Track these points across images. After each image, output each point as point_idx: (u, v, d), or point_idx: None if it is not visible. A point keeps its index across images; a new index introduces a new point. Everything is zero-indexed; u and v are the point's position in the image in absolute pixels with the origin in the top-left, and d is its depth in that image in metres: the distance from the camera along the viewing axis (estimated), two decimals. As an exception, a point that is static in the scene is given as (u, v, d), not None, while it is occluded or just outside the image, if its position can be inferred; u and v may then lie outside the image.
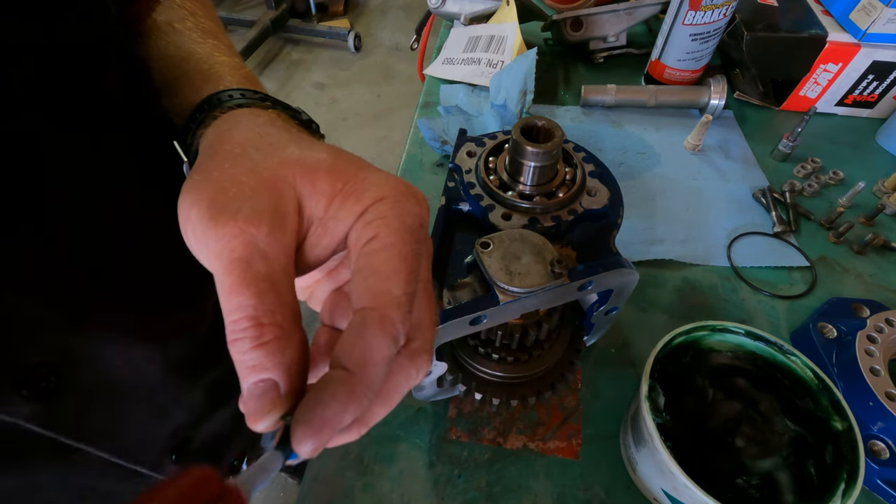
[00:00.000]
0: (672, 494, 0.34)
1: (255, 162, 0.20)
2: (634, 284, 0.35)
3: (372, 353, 0.17)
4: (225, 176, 0.20)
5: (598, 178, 0.38)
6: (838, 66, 0.66)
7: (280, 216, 0.19)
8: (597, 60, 0.79)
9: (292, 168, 0.20)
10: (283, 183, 0.20)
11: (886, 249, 0.55)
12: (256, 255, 0.18)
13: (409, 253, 0.19)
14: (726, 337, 0.39)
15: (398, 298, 0.18)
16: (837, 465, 0.33)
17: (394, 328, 0.18)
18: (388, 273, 0.18)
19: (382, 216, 0.19)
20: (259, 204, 0.19)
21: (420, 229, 0.20)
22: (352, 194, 0.20)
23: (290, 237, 0.19)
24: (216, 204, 0.19)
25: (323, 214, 0.20)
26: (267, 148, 0.21)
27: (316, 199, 0.20)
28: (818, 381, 0.35)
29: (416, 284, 0.19)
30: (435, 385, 0.40)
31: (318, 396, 0.17)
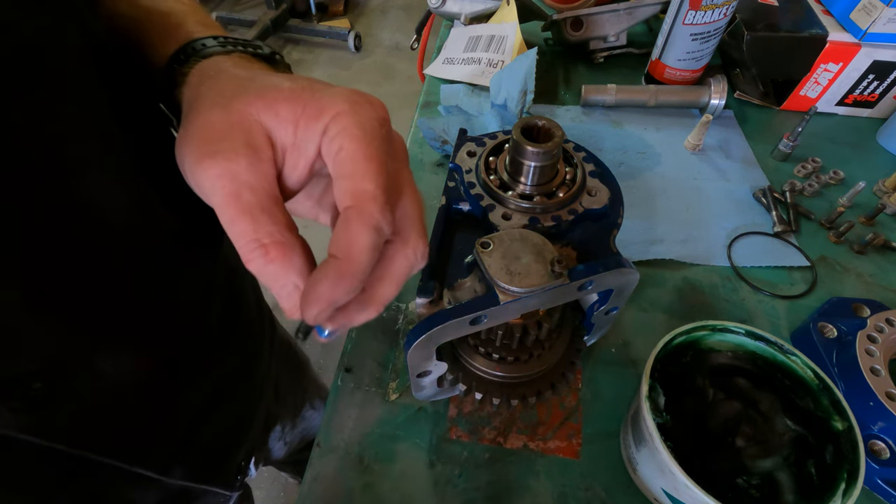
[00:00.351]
0: (672, 494, 0.34)
1: (225, 106, 0.22)
2: (635, 284, 0.35)
3: (354, 240, 0.20)
4: (203, 124, 0.22)
5: (599, 177, 0.38)
6: (839, 66, 0.66)
7: (253, 149, 0.21)
8: (597, 60, 0.79)
9: (255, 104, 0.22)
10: (250, 120, 0.22)
11: (887, 249, 0.55)
12: (242, 187, 0.21)
13: (374, 152, 0.21)
14: (727, 337, 0.39)
15: (372, 192, 0.21)
16: (838, 465, 0.32)
17: (372, 217, 0.21)
18: (358, 175, 0.21)
19: (342, 128, 0.21)
20: (233, 143, 0.21)
21: (380, 128, 0.22)
22: (313, 116, 0.22)
23: (267, 165, 0.22)
24: (199, 150, 0.21)
25: (293, 139, 0.22)
26: (234, 91, 0.23)
27: (283, 127, 0.22)
28: (818, 381, 0.35)
29: (386, 177, 0.21)
30: (435, 385, 0.40)
31: (314, 277, 0.21)
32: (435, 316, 0.30)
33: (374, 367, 0.46)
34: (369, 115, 0.22)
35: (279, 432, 0.64)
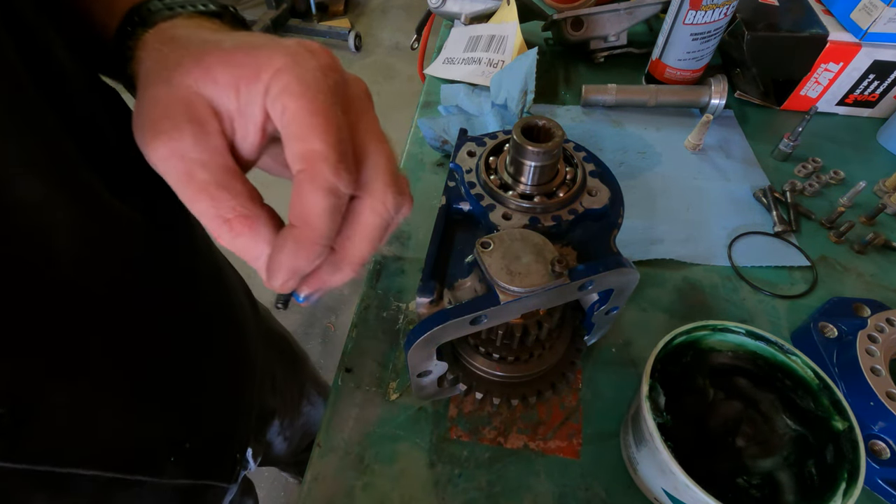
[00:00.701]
0: (673, 494, 0.34)
1: (166, 80, 0.21)
2: (635, 284, 0.35)
3: (308, 206, 0.19)
4: (147, 103, 0.21)
5: (599, 177, 0.38)
6: (839, 66, 0.66)
7: (198, 123, 0.20)
8: (597, 60, 0.79)
9: (193, 73, 0.21)
10: (190, 92, 0.20)
11: (887, 249, 0.55)
12: (193, 165, 0.20)
13: (319, 107, 0.19)
14: (727, 337, 0.39)
15: (321, 152, 0.19)
16: (838, 465, 0.32)
17: (324, 179, 0.19)
18: (304, 135, 0.19)
19: (283, 86, 0.20)
20: (176, 119, 0.20)
21: (325, 78, 0.20)
22: (251, 77, 0.20)
23: (215, 138, 0.20)
24: (147, 131, 0.20)
25: (237, 105, 0.21)
26: (176, 61, 0.21)
27: (224, 94, 0.20)
28: (819, 381, 0.35)
29: (337, 131, 0.20)
30: (435, 384, 0.40)
31: (274, 247, 0.20)
32: (435, 316, 0.30)
33: (375, 367, 0.46)
34: (310, 65, 0.20)
35: (278, 427, 0.64)
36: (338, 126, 0.20)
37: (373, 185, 0.22)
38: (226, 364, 0.46)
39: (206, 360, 0.42)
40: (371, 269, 0.53)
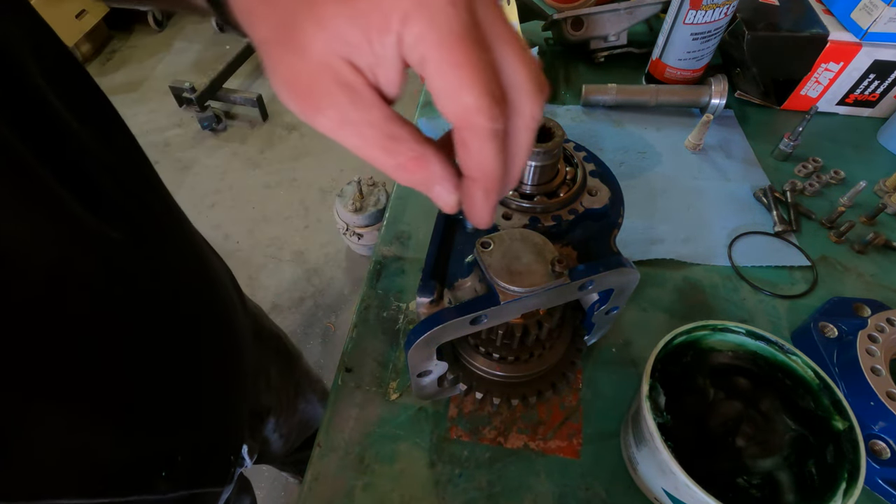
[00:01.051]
0: (673, 494, 0.34)
1: (295, 49, 0.21)
2: (635, 284, 0.35)
3: (480, 159, 0.21)
4: (290, 76, 0.21)
5: (599, 177, 0.38)
6: (839, 66, 0.66)
7: (347, 86, 0.20)
8: (597, 60, 0.79)
9: (319, 37, 0.20)
10: (325, 58, 0.20)
11: (888, 249, 0.55)
12: (360, 126, 0.20)
13: (461, 56, 0.19)
14: (727, 336, 0.39)
15: (475, 104, 0.19)
16: (838, 465, 0.32)
17: (485, 130, 0.20)
18: (453, 89, 0.19)
19: (417, 36, 0.19)
20: (327, 89, 0.20)
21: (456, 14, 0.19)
22: (381, 28, 0.19)
23: (368, 93, 0.21)
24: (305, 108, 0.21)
25: (374, 58, 0.20)
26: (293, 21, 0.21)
27: (358, 51, 0.20)
28: (819, 381, 0.35)
29: (483, 72, 0.20)
30: (435, 384, 0.40)
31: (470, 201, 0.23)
32: (435, 316, 0.30)
33: (375, 367, 0.46)
34: (440, 2, 0.19)
35: (274, 424, 0.64)
36: (482, 68, 0.19)
37: (520, 103, 0.22)
38: (216, 370, 0.45)
39: (195, 369, 0.41)
40: (371, 268, 0.53)
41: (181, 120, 2.33)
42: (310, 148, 2.20)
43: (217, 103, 2.32)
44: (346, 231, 1.65)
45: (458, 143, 0.21)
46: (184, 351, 0.39)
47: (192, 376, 0.41)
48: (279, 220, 1.93)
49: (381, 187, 1.64)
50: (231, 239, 1.86)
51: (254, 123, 2.33)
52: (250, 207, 1.97)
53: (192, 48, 2.71)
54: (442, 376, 0.39)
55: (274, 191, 2.03)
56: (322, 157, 2.16)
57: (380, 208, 1.57)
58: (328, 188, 2.04)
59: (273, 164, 2.14)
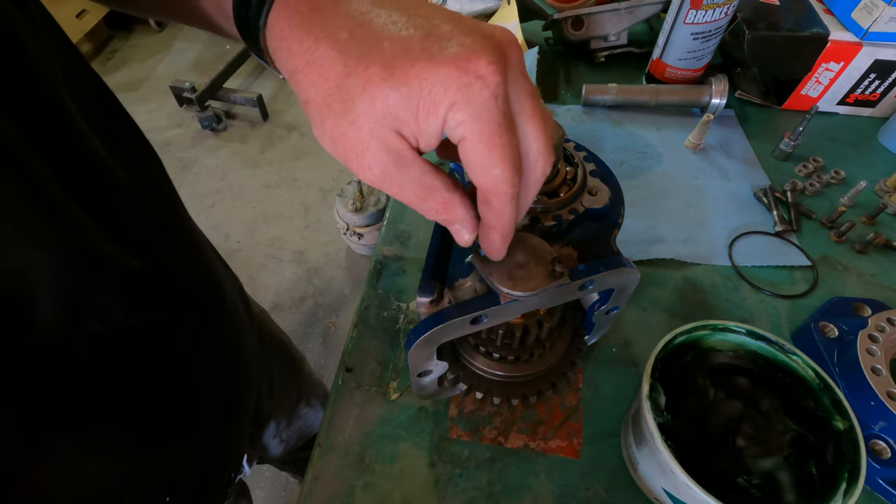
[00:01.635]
0: (673, 494, 0.34)
1: (345, 113, 0.23)
2: (635, 284, 0.35)
3: (501, 216, 0.25)
4: (337, 137, 0.23)
5: (600, 177, 0.38)
6: (840, 65, 0.66)
7: (394, 152, 0.23)
8: (598, 59, 0.79)
9: (370, 114, 0.22)
10: (374, 127, 0.22)
11: (888, 249, 0.55)
12: (402, 181, 0.24)
13: (495, 141, 0.22)
14: (727, 336, 0.39)
15: (501, 176, 0.23)
16: (839, 465, 0.32)
17: (507, 195, 0.24)
18: (485, 165, 0.23)
19: (460, 122, 0.22)
20: (374, 154, 0.23)
21: (496, 106, 0.22)
22: (429, 111, 0.22)
23: (410, 156, 0.23)
24: (351, 164, 0.24)
25: (417, 129, 0.23)
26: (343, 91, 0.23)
27: (406, 124, 0.23)
28: (819, 381, 0.35)
29: (512, 154, 0.23)
30: (436, 384, 0.40)
31: (486, 240, 0.27)
32: (435, 315, 0.30)
33: (375, 367, 0.46)
34: (482, 97, 0.21)
35: (274, 429, 0.63)
36: (511, 148, 0.23)
37: (535, 164, 0.25)
38: (221, 390, 0.45)
39: (200, 390, 0.41)
40: (371, 268, 0.53)
41: (181, 120, 2.33)
42: (310, 148, 2.20)
43: (217, 103, 2.32)
44: (346, 231, 1.65)
45: (482, 201, 0.25)
46: (190, 372, 0.39)
47: (196, 398, 0.40)
48: (279, 219, 1.93)
49: (381, 187, 1.64)
50: (231, 239, 1.86)
51: (254, 123, 2.33)
52: (251, 207, 1.97)
53: (192, 48, 2.71)
54: (442, 376, 0.39)
55: (274, 190, 2.03)
56: (322, 156, 2.16)
57: (380, 208, 1.57)
58: (328, 188, 2.04)
59: (273, 164, 2.14)
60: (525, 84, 0.24)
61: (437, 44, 0.22)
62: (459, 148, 0.23)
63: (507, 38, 0.23)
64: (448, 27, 0.22)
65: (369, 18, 0.23)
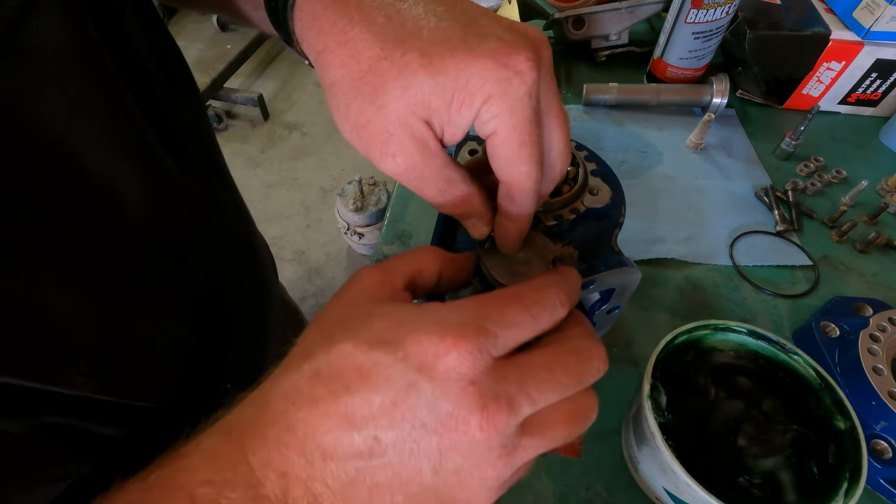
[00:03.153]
0: (674, 493, 0.34)
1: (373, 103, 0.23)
2: (636, 283, 0.35)
3: (522, 209, 0.25)
4: (363, 124, 0.23)
5: (600, 176, 0.38)
6: (841, 65, 0.66)
7: (420, 141, 0.23)
8: (599, 59, 0.79)
9: (402, 99, 0.22)
10: (407, 117, 0.22)
11: (889, 248, 0.55)
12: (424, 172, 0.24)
13: (526, 137, 0.23)
14: (728, 336, 0.39)
15: (527, 172, 0.24)
16: (840, 465, 0.32)
17: (531, 190, 0.24)
18: (514, 160, 0.23)
19: (493, 115, 0.22)
20: (400, 142, 0.23)
21: (529, 103, 0.22)
22: (464, 102, 0.22)
23: (436, 147, 0.24)
24: (374, 152, 0.24)
25: (448, 119, 0.23)
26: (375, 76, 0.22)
27: (437, 114, 0.23)
28: (820, 381, 0.35)
29: (539, 151, 0.24)
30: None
31: (502, 231, 0.27)
32: (436, 315, 0.30)
33: (376, 366, 0.46)
34: (519, 93, 0.22)
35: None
36: (538, 145, 0.23)
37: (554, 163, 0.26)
38: (253, 322, 0.48)
39: (242, 320, 0.45)
40: (372, 268, 0.54)
41: (182, 119, 2.33)
42: (311, 147, 2.20)
43: (218, 103, 2.32)
44: (347, 230, 1.65)
45: (504, 195, 0.25)
46: (227, 304, 0.42)
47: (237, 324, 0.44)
48: (280, 219, 1.93)
49: (381, 187, 1.64)
50: (232, 238, 1.86)
51: (255, 123, 2.33)
52: (251, 207, 1.95)
53: (193, 47, 2.71)
54: (443, 376, 0.39)
55: (275, 190, 2.03)
56: (323, 156, 2.16)
57: (381, 208, 1.57)
58: (329, 187, 2.04)
59: (274, 164, 2.14)
60: (553, 84, 0.24)
61: (476, 37, 0.22)
62: (488, 142, 0.23)
63: (541, 38, 0.23)
64: (486, 21, 0.23)
65: (408, 6, 0.23)
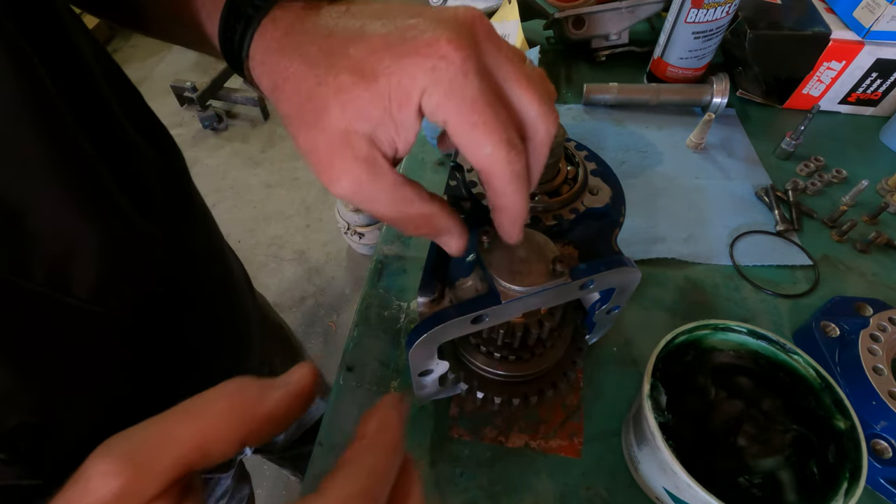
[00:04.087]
0: (674, 493, 0.34)
1: (316, 122, 0.23)
2: (636, 283, 0.35)
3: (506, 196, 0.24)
4: (311, 147, 0.23)
5: (601, 176, 0.38)
6: (842, 64, 0.66)
7: (366, 161, 0.22)
8: (599, 59, 0.79)
9: (342, 116, 0.22)
10: (346, 133, 0.22)
11: (890, 248, 0.55)
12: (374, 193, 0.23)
13: (477, 117, 0.21)
14: (728, 336, 0.39)
15: (494, 153, 0.22)
16: (840, 465, 0.32)
17: (507, 171, 0.23)
18: (474, 145, 0.22)
19: (435, 106, 0.21)
20: (345, 163, 0.22)
21: (467, 81, 0.21)
22: (402, 103, 0.22)
23: (383, 166, 0.23)
24: (322, 175, 0.23)
25: (394, 126, 0.22)
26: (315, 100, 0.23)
27: (381, 126, 0.22)
28: (821, 380, 0.35)
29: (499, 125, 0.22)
30: (437, 383, 0.40)
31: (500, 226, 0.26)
32: (436, 315, 0.30)
33: (376, 366, 0.46)
34: (450, 75, 0.21)
35: None
36: (496, 121, 0.22)
37: (536, 126, 0.24)
38: (229, 356, 0.47)
39: (212, 356, 0.43)
40: (372, 267, 0.53)
41: (182, 119, 2.33)
42: (311, 147, 2.21)
43: (218, 102, 2.32)
44: (347, 230, 1.65)
45: (484, 184, 0.24)
46: (200, 337, 0.41)
47: (209, 364, 0.42)
48: (280, 219, 1.93)
49: (382, 186, 1.64)
50: (232, 238, 1.86)
51: (255, 122, 2.33)
52: (251, 207, 1.97)
53: (193, 47, 2.71)
54: (443, 375, 0.39)
55: (275, 190, 2.03)
56: (323, 156, 2.15)
57: (381, 207, 1.57)
58: (329, 187, 2.04)
59: (274, 163, 2.14)
60: (502, 52, 0.23)
61: (399, 39, 0.22)
62: (449, 136, 0.23)
63: (470, 15, 0.23)
64: (411, 21, 0.22)
65: (336, 30, 0.23)
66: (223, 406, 0.18)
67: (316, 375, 0.21)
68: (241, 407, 0.18)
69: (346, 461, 0.20)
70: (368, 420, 0.21)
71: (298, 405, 0.20)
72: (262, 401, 0.19)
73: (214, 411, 0.18)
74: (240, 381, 0.19)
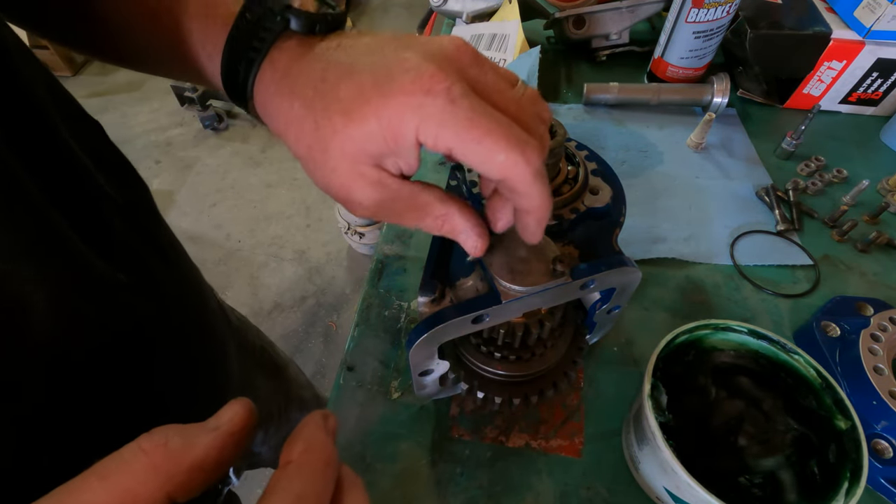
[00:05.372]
0: (674, 493, 0.34)
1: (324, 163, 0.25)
2: (637, 283, 0.35)
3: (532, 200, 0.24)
4: (323, 180, 0.26)
5: (601, 176, 0.38)
6: (842, 64, 0.66)
7: (377, 184, 0.24)
8: (599, 58, 0.79)
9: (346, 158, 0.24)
10: (353, 167, 0.24)
11: (890, 248, 0.55)
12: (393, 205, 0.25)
13: (476, 133, 0.22)
14: (729, 335, 0.39)
15: (508, 160, 0.22)
16: (841, 464, 0.32)
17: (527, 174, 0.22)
18: (486, 157, 0.22)
19: (433, 137, 0.22)
20: (360, 189, 0.24)
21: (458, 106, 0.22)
22: (399, 138, 0.22)
23: (395, 183, 0.24)
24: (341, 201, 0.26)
25: (397, 155, 0.24)
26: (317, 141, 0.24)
27: (383, 156, 0.24)
28: (821, 380, 0.35)
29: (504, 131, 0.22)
30: (437, 383, 0.40)
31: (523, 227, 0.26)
32: (437, 315, 0.30)
33: (377, 366, 0.46)
34: (438, 107, 0.22)
35: (262, 436, 0.63)
36: (498, 128, 0.22)
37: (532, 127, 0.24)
38: (206, 386, 0.44)
39: (188, 389, 0.40)
40: (373, 267, 0.54)
41: (183, 119, 2.33)
42: (311, 147, 2.20)
43: (219, 102, 2.32)
44: (347, 230, 1.65)
45: (508, 192, 0.24)
46: (172, 373, 0.38)
47: (184, 406, 0.39)
48: (281, 219, 1.93)
49: (382, 186, 1.64)
50: (233, 238, 1.86)
51: (255, 122, 2.33)
52: (252, 206, 1.97)
53: (193, 47, 2.70)
54: (443, 375, 0.39)
55: (275, 190, 2.03)
56: (323, 156, 2.15)
57: (381, 207, 1.57)
58: (330, 187, 2.04)
59: (274, 163, 2.14)
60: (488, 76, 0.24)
61: (386, 78, 0.23)
62: (460, 158, 0.23)
63: (454, 45, 0.24)
64: (400, 57, 0.23)
65: (328, 73, 0.24)
66: (142, 463, 0.16)
67: (251, 411, 0.20)
68: (163, 461, 0.16)
69: (271, 490, 0.18)
70: (293, 443, 0.20)
71: (232, 448, 0.18)
72: (187, 450, 0.17)
73: (132, 471, 0.16)
74: (161, 432, 0.17)
